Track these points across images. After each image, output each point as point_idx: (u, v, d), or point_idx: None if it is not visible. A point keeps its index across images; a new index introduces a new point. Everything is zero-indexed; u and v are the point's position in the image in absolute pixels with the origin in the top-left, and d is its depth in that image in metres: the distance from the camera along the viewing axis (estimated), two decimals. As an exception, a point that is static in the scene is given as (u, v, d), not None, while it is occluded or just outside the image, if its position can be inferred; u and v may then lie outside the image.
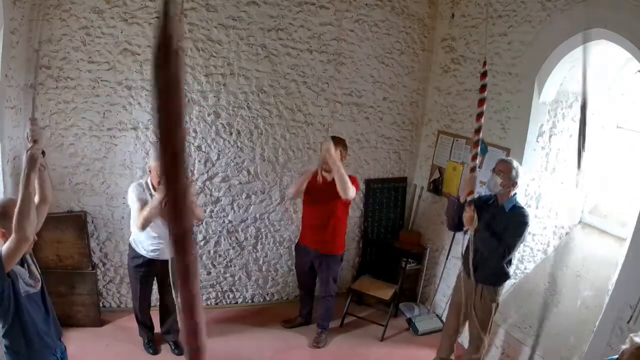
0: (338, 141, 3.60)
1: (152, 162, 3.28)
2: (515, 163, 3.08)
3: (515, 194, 3.10)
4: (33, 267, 2.14)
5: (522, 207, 3.09)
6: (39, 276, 2.16)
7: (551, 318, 3.42)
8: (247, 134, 4.06)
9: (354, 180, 3.61)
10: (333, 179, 3.53)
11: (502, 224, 3.03)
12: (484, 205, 3.21)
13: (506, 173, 3.03)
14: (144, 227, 3.12)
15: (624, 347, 1.68)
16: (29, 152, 1.94)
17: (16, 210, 1.88)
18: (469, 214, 2.99)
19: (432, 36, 4.51)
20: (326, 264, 3.78)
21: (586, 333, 3.08)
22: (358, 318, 4.30)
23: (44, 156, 2.08)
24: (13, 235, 1.89)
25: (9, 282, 1.97)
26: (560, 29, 3.24)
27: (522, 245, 3.26)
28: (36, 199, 2.12)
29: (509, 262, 3.14)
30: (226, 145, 4.02)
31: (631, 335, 1.68)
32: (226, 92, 3.91)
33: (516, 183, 3.05)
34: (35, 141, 1.96)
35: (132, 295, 3.59)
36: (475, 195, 3.05)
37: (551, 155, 3.61)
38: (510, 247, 3.01)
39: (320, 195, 3.61)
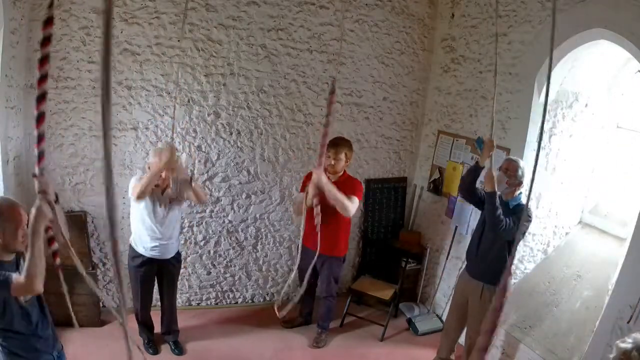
0: (343, 143, 3.57)
1: (151, 158, 3.28)
2: (521, 163, 3.08)
3: (520, 193, 3.11)
4: None
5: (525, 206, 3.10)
6: None
7: (551, 318, 3.42)
8: (247, 134, 4.06)
9: (358, 185, 3.60)
10: (337, 181, 3.53)
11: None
12: None
13: (513, 172, 3.04)
14: (140, 195, 3.09)
15: (611, 356, 1.66)
16: (36, 206, 1.82)
17: (26, 263, 1.89)
18: (489, 173, 2.94)
19: (432, 36, 4.51)
20: (328, 264, 3.78)
21: (586, 333, 3.08)
22: (358, 318, 4.30)
23: (57, 202, 1.96)
24: (23, 282, 1.91)
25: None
26: (560, 29, 3.24)
27: (521, 243, 3.25)
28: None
29: (511, 256, 3.13)
30: (226, 145, 4.02)
31: (617, 342, 1.66)
32: (226, 92, 3.91)
33: (522, 183, 3.06)
34: (43, 192, 1.80)
35: (132, 295, 3.58)
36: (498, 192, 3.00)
37: (551, 155, 3.61)
38: (509, 236, 2.98)
39: (323, 196, 3.61)
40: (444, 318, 4.21)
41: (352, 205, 3.41)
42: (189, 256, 4.13)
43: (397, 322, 4.33)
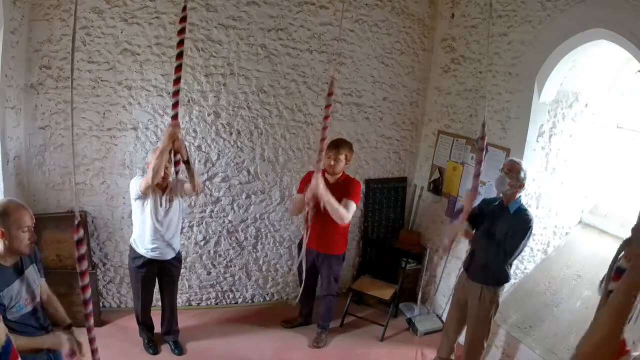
0: (344, 144, 3.57)
1: (149, 158, 3.28)
2: (524, 165, 3.07)
3: (520, 196, 3.10)
4: (30, 281, 2.12)
5: (526, 210, 3.08)
6: (35, 292, 2.14)
7: (551, 318, 3.42)
8: (247, 134, 4.06)
9: (356, 187, 3.62)
10: (336, 181, 3.54)
11: (506, 225, 3.03)
12: (488, 206, 3.22)
13: (515, 173, 3.02)
14: (153, 179, 3.03)
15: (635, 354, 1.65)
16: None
17: None
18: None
19: (432, 36, 4.51)
20: (327, 263, 3.78)
21: (586, 333, 3.07)
22: (358, 318, 4.30)
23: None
24: None
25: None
26: (560, 29, 3.24)
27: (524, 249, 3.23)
28: None
29: (509, 266, 3.14)
30: (226, 145, 4.02)
31: None
32: (226, 92, 3.91)
33: (523, 185, 3.04)
34: None
35: (133, 295, 3.59)
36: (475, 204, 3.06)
37: (551, 155, 3.61)
38: (509, 252, 3.00)
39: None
40: (444, 318, 4.21)
41: (349, 214, 3.44)
42: (189, 256, 4.13)
43: (397, 322, 4.33)
